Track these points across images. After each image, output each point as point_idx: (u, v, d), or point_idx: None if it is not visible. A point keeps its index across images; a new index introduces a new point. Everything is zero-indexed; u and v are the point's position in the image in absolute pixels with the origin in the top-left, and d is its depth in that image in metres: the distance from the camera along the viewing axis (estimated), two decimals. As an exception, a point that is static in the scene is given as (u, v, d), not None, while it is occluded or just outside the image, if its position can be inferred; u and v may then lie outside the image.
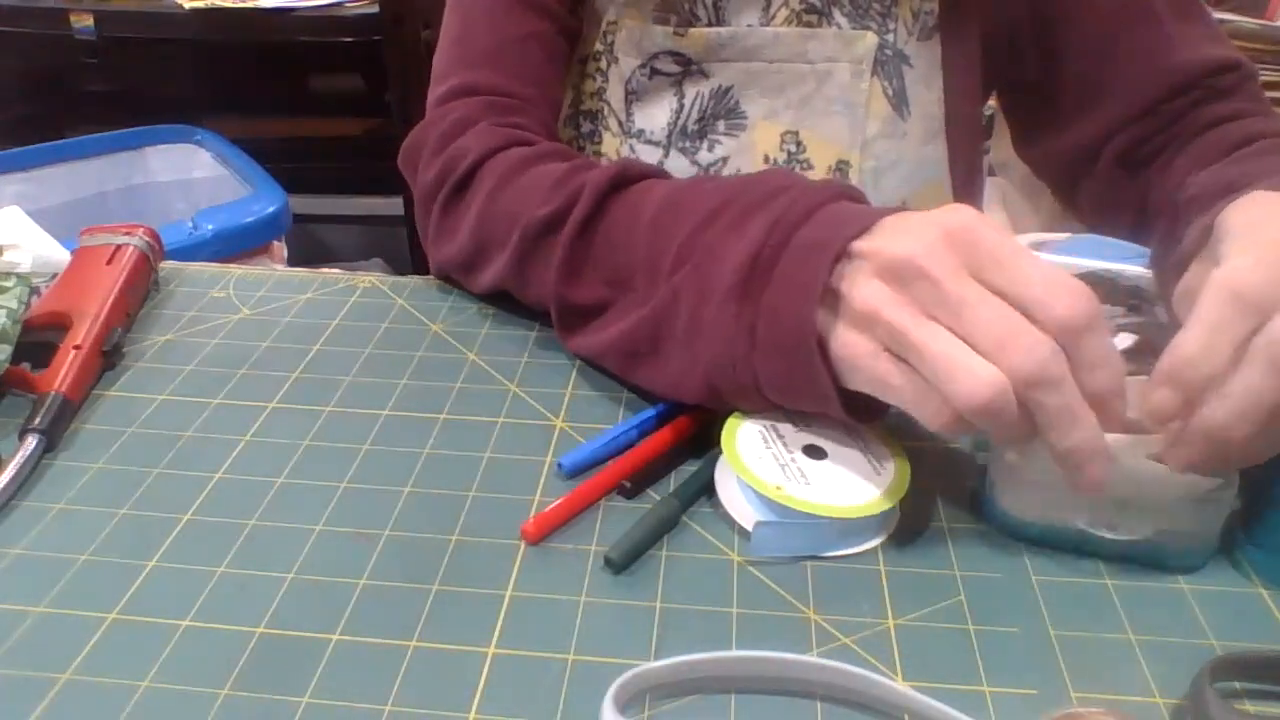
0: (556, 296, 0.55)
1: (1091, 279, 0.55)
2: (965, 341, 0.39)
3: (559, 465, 0.49)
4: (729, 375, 0.47)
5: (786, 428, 0.48)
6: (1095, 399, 0.39)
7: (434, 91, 0.69)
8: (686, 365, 0.49)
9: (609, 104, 0.71)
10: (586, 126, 0.72)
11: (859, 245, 0.43)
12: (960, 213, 0.42)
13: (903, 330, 0.40)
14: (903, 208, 0.45)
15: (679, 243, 0.50)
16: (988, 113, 0.87)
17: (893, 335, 0.41)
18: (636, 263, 0.52)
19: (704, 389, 0.48)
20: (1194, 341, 0.39)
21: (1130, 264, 0.55)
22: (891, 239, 0.42)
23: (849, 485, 0.45)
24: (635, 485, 0.48)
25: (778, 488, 0.45)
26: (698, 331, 0.47)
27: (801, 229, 0.45)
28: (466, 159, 0.61)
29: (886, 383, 0.42)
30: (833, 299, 0.44)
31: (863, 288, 0.42)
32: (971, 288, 0.40)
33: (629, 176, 0.55)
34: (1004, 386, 0.38)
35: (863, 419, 0.46)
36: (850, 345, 0.43)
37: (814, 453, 0.47)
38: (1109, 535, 0.43)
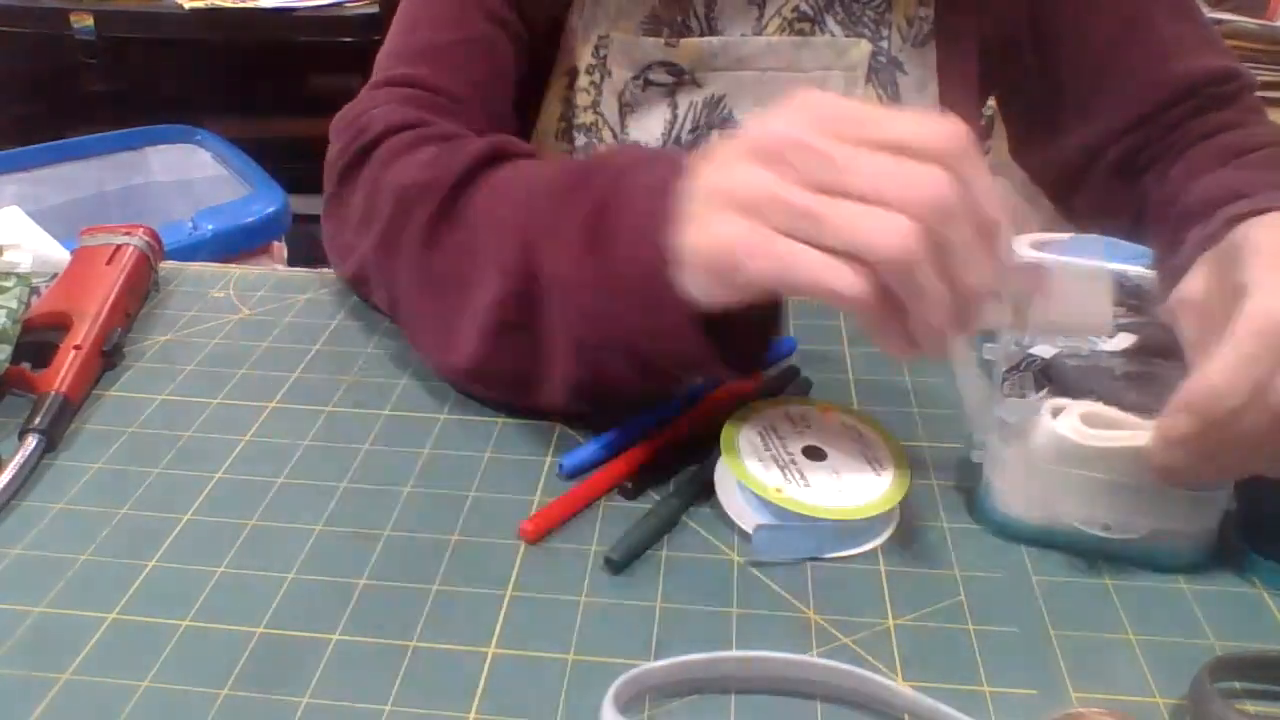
0: (413, 266, 0.53)
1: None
2: (859, 194, 0.38)
3: (559, 466, 0.49)
4: (597, 332, 0.45)
5: (786, 429, 0.48)
6: (986, 227, 0.38)
7: (371, 80, 0.67)
8: (554, 338, 0.48)
9: (602, 116, 0.71)
10: (581, 139, 0.72)
11: (711, 153, 0.42)
12: (809, 92, 0.40)
13: (799, 204, 0.38)
14: None
15: (529, 214, 0.48)
16: (987, 113, 0.86)
17: (787, 212, 0.38)
18: (492, 236, 0.50)
19: (580, 364, 0.47)
20: (1221, 374, 0.38)
21: (1131, 264, 0.55)
22: (746, 133, 0.41)
23: (849, 486, 0.45)
24: (636, 486, 0.48)
25: (777, 490, 0.45)
26: (557, 291, 0.46)
27: (636, 189, 0.44)
28: (366, 134, 0.59)
29: (792, 262, 0.38)
30: (680, 217, 0.42)
31: (741, 174, 0.40)
32: (847, 146, 0.38)
33: (504, 153, 0.54)
34: (914, 228, 0.37)
35: (739, 368, 0.45)
36: (743, 235, 0.39)
37: (814, 454, 0.47)
38: (1103, 534, 0.43)
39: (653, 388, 0.48)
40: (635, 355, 0.46)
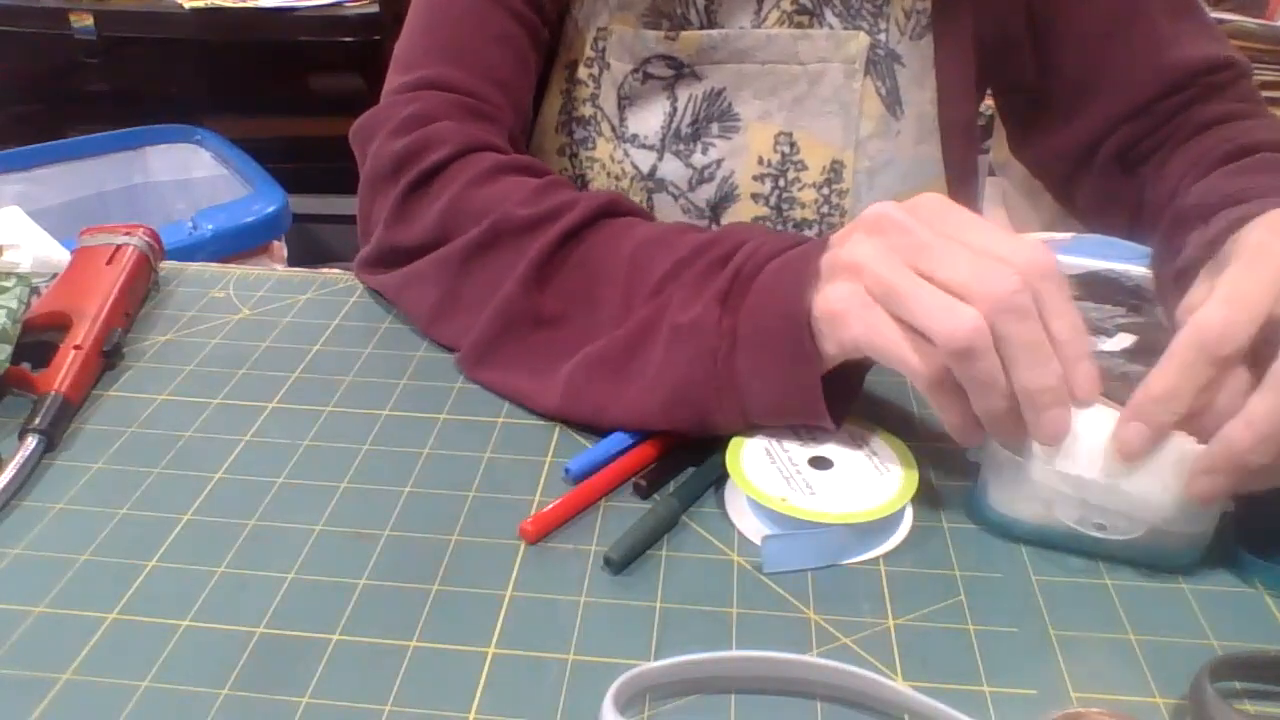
0: (509, 298, 0.54)
1: (1093, 279, 0.55)
2: (941, 279, 0.42)
3: (565, 470, 0.49)
4: (710, 373, 0.47)
5: (791, 443, 0.48)
6: (1057, 347, 0.41)
7: (397, 78, 0.67)
8: (659, 376, 0.48)
9: (602, 109, 0.71)
10: (580, 133, 0.72)
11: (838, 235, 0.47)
12: (928, 196, 0.45)
13: (887, 278, 0.43)
14: None
15: (658, 277, 0.51)
16: (987, 113, 0.87)
17: (879, 283, 0.43)
18: (610, 288, 0.53)
19: (674, 403, 0.48)
20: (1162, 382, 0.41)
21: (1132, 264, 0.55)
22: (863, 214, 0.46)
23: (855, 492, 0.45)
24: (650, 484, 0.48)
25: (782, 499, 0.45)
26: (678, 338, 0.48)
27: (775, 260, 0.48)
28: (439, 150, 0.59)
29: (878, 330, 0.43)
30: (816, 279, 0.46)
31: (851, 243, 0.45)
32: (942, 237, 0.43)
33: (620, 208, 0.56)
34: (981, 326, 0.40)
35: (836, 416, 0.47)
36: (842, 297, 0.44)
37: (820, 464, 0.47)
38: (1098, 535, 0.43)
39: (710, 432, 0.49)
40: (736, 400, 0.47)
